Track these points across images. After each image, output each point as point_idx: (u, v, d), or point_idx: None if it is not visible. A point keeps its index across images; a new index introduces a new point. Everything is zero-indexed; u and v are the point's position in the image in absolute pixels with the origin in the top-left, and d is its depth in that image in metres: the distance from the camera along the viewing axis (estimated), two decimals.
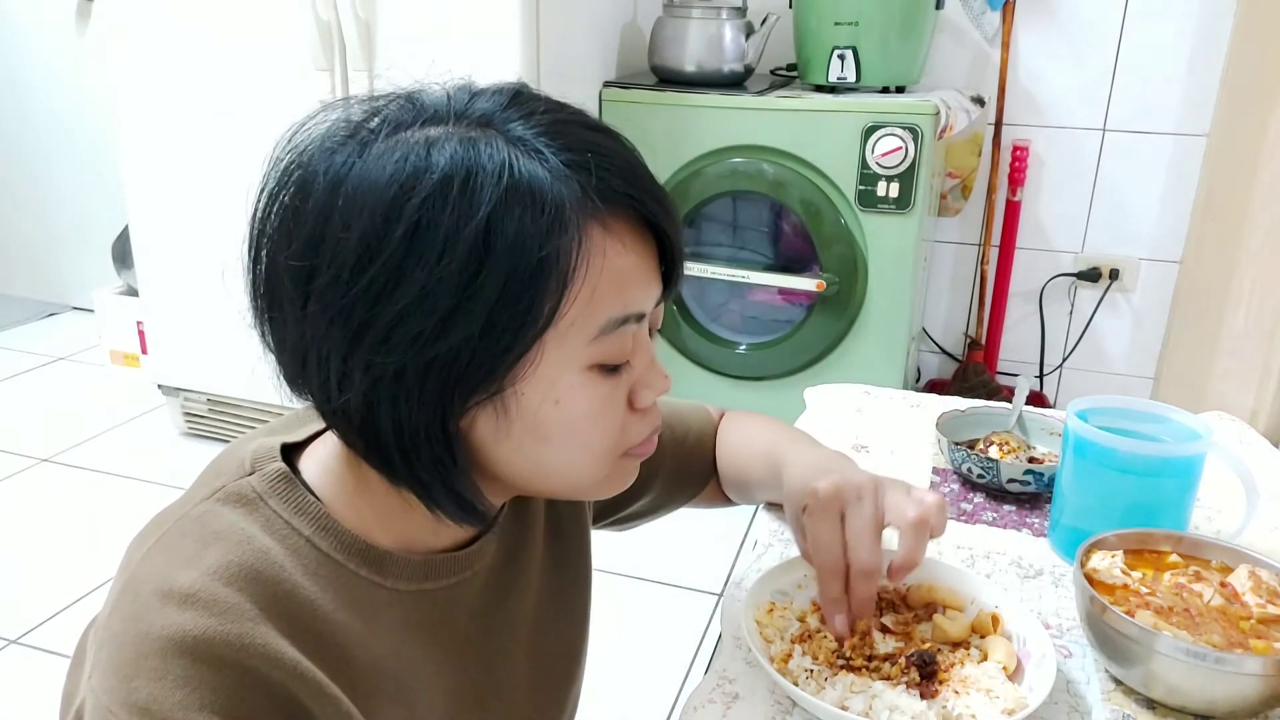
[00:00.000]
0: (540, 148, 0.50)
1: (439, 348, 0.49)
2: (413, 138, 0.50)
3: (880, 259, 2.05)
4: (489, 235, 0.48)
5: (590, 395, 0.54)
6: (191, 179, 2.13)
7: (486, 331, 0.49)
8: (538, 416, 0.53)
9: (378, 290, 0.48)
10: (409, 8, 1.85)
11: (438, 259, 0.47)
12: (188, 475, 0.60)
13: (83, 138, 3.06)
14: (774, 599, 0.73)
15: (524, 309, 0.49)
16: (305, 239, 0.50)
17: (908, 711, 0.61)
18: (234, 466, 0.57)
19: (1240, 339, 1.75)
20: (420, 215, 0.48)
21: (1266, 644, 0.63)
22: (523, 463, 0.55)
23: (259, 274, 0.53)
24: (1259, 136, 1.76)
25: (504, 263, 0.48)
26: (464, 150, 0.49)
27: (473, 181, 0.48)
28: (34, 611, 1.77)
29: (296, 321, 0.51)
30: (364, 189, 0.49)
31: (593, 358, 0.53)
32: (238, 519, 0.54)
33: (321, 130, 0.53)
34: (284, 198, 0.52)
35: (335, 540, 0.55)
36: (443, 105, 0.53)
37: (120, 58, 2.10)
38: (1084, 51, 2.27)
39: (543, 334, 0.50)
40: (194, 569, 0.50)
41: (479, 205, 0.48)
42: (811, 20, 2.10)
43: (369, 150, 0.50)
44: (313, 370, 0.52)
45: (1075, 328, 2.48)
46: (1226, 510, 0.90)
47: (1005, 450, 0.95)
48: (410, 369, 0.49)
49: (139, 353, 2.67)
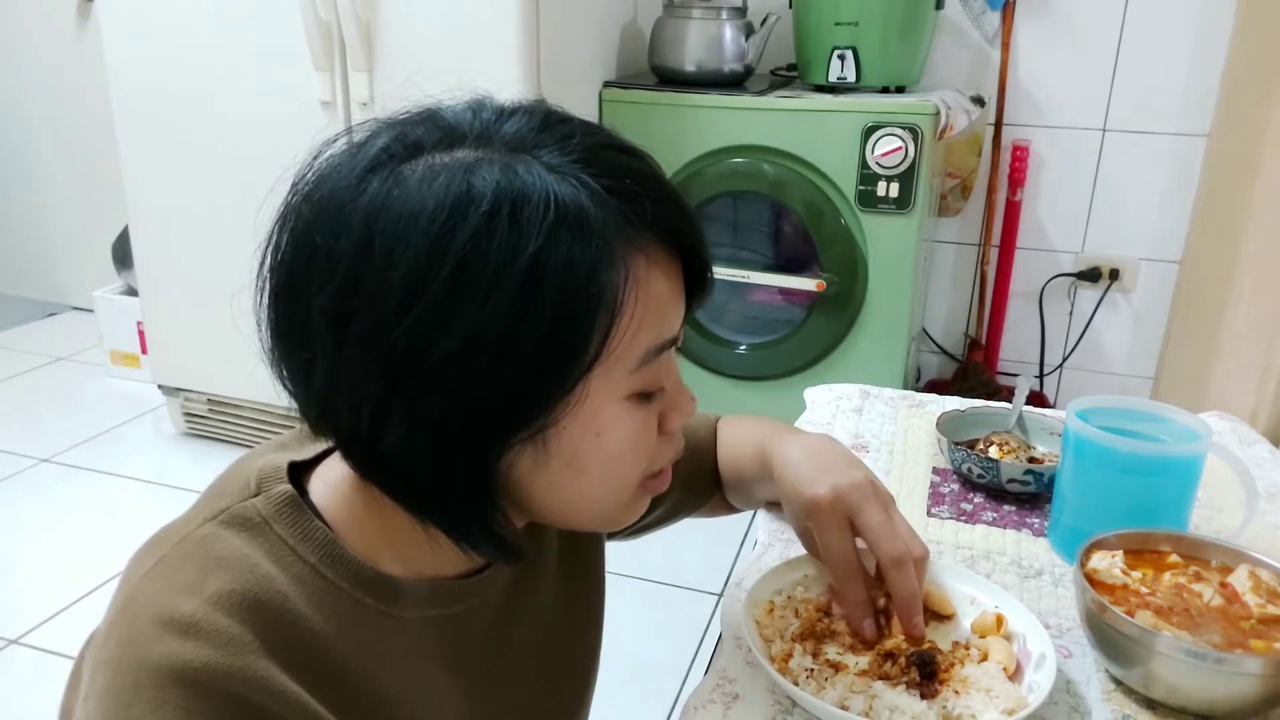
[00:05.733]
0: (580, 174, 0.48)
1: (486, 388, 0.47)
2: (447, 162, 0.48)
3: (880, 259, 2.05)
4: (538, 269, 0.46)
5: (629, 424, 0.53)
6: (191, 179, 2.13)
7: (535, 369, 0.47)
8: (578, 449, 0.51)
9: (423, 331, 0.46)
10: (409, 8, 1.85)
11: (486, 296, 0.45)
12: (188, 475, 0.60)
13: (83, 138, 3.06)
14: (774, 599, 0.73)
15: (574, 345, 0.48)
16: (342, 279, 0.47)
17: (908, 711, 0.61)
18: (239, 486, 0.56)
19: (1240, 339, 1.75)
20: (467, 250, 0.45)
21: (1266, 644, 0.63)
22: (555, 496, 0.54)
23: (280, 314, 0.51)
24: (1259, 136, 1.76)
25: (554, 298, 0.46)
26: (506, 178, 0.47)
27: (520, 213, 0.46)
28: (34, 611, 1.77)
29: (328, 364, 0.49)
30: (405, 222, 0.46)
31: (632, 387, 0.52)
32: (241, 544, 0.52)
33: (342, 158, 0.51)
34: (313, 236, 0.49)
35: (342, 568, 0.54)
36: (468, 125, 0.51)
37: (120, 58, 2.10)
38: (1084, 51, 2.27)
39: (590, 369, 0.49)
40: (195, 596, 0.49)
41: (528, 238, 0.45)
42: (811, 20, 2.10)
43: (402, 178, 0.47)
44: (343, 413, 0.50)
45: (1075, 328, 2.48)
46: (1226, 510, 0.90)
47: (1005, 450, 0.95)
48: (453, 410, 0.47)
49: (139, 353, 2.68)
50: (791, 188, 2.06)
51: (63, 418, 2.55)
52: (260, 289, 0.52)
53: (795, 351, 2.18)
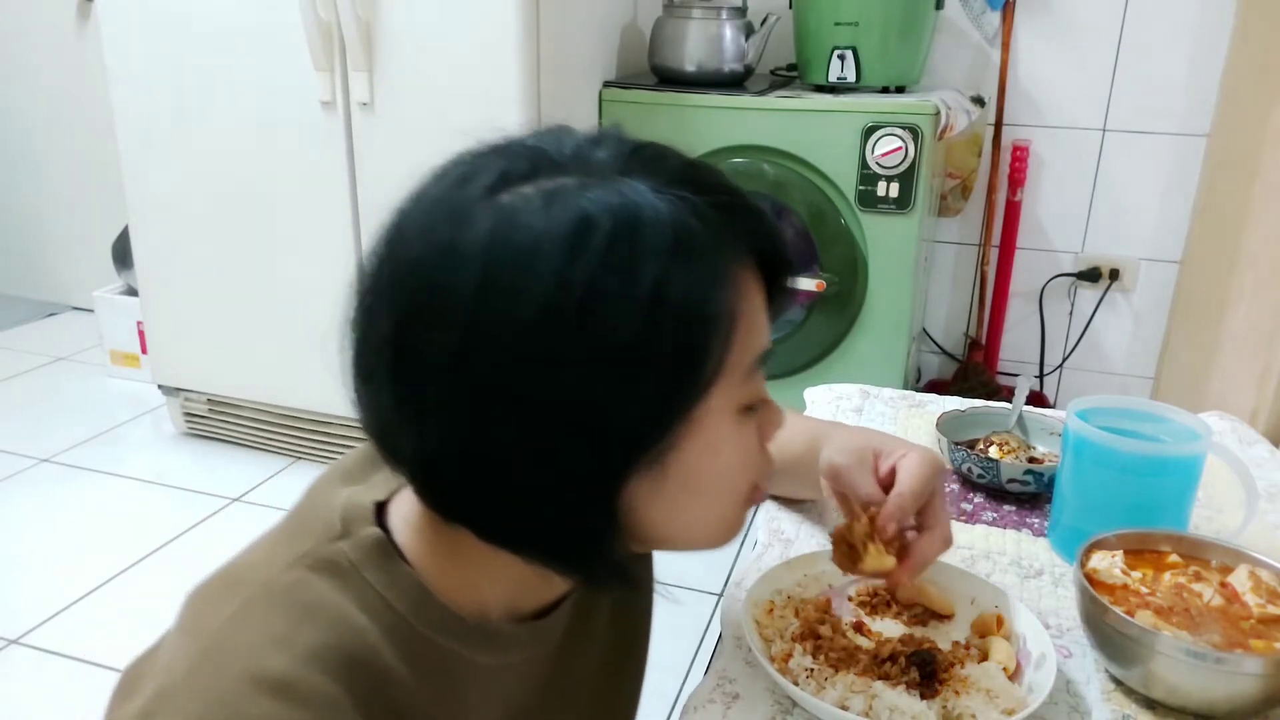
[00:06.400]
0: (682, 194, 0.48)
1: (612, 416, 0.46)
2: (551, 189, 0.46)
3: (880, 259, 2.05)
4: (661, 292, 0.45)
5: (740, 439, 0.53)
6: (191, 179, 2.13)
7: (662, 393, 0.47)
8: (695, 470, 0.51)
9: (547, 365, 0.45)
10: (409, 8, 1.85)
11: (613, 324, 0.45)
12: (188, 475, 0.59)
13: (82, 138, 3.06)
14: (774, 599, 0.73)
15: (698, 365, 0.47)
16: (465, 319, 0.45)
17: (908, 711, 0.61)
18: (323, 526, 0.54)
19: (1240, 339, 1.75)
20: (592, 280, 0.44)
21: (1266, 644, 0.63)
22: (670, 519, 0.53)
23: (385, 357, 0.48)
24: (1259, 136, 1.76)
25: (677, 320, 0.46)
26: (618, 203, 0.46)
27: (638, 237, 0.45)
28: (34, 611, 1.77)
29: (439, 406, 0.47)
30: (525, 256, 0.45)
31: (740, 401, 0.52)
32: (330, 592, 0.50)
33: (437, 193, 0.49)
34: (425, 276, 0.47)
35: (431, 617, 0.52)
36: (558, 152, 0.49)
37: (120, 57, 2.10)
38: (1084, 51, 2.27)
39: (711, 387, 0.49)
40: (287, 651, 0.47)
41: (648, 262, 0.45)
42: (811, 20, 2.10)
43: (509, 210, 0.46)
44: (449, 457, 0.48)
45: (1075, 328, 2.48)
46: (1226, 510, 0.90)
47: (1005, 450, 0.95)
48: (579, 441, 0.46)
49: (139, 353, 2.68)
50: (791, 188, 2.06)
51: (63, 418, 2.55)
52: (356, 329, 0.50)
53: (795, 351, 2.18)
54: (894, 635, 0.70)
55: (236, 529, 2.05)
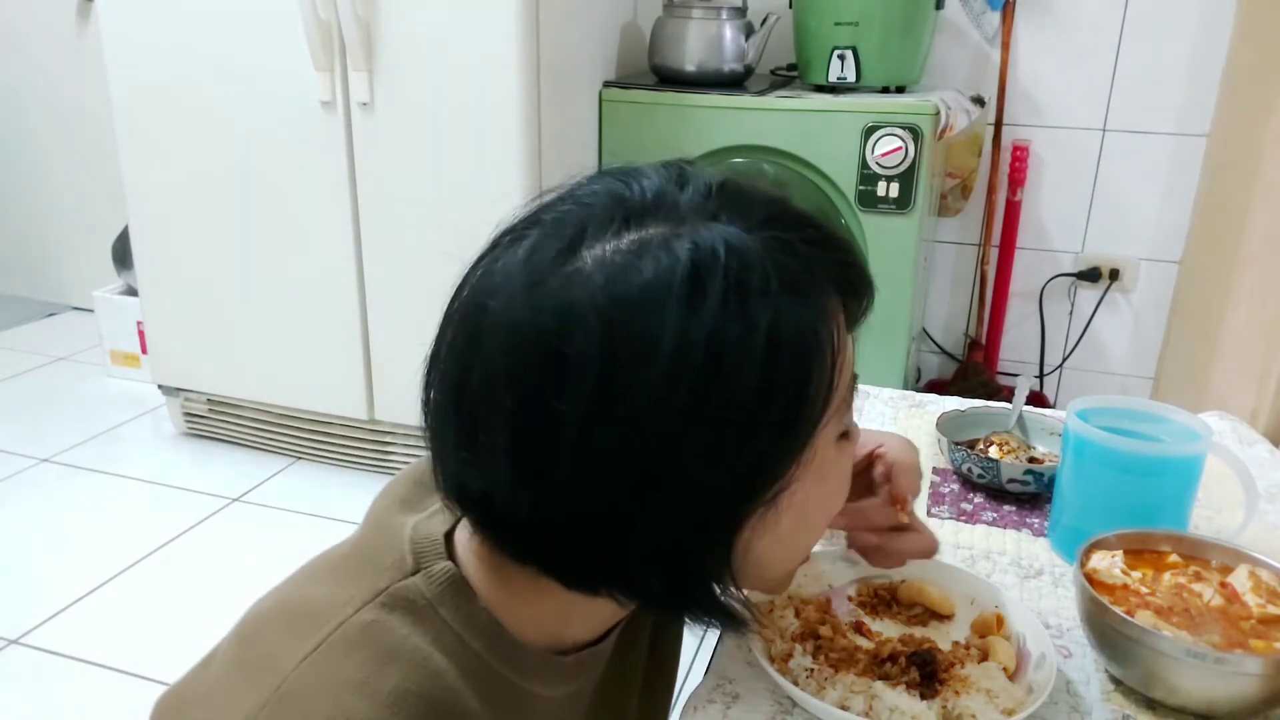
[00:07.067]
0: (776, 234, 0.48)
1: (736, 463, 0.46)
2: (649, 238, 0.46)
3: (880, 259, 2.05)
4: (775, 336, 0.45)
5: (843, 466, 0.54)
6: (191, 179, 2.13)
7: (781, 435, 0.47)
8: (805, 504, 0.51)
9: (677, 420, 0.44)
10: (409, 8, 1.85)
11: (736, 372, 0.45)
12: (188, 475, 0.59)
13: (82, 137, 3.06)
14: (774, 599, 0.73)
15: (811, 404, 0.48)
16: (588, 382, 0.44)
17: (908, 711, 0.61)
18: (394, 560, 0.53)
19: (1240, 339, 1.75)
20: (712, 331, 0.44)
21: (1266, 644, 0.63)
22: (777, 555, 0.53)
23: (501, 422, 0.46)
24: (1259, 136, 1.76)
25: (791, 362, 0.46)
26: (723, 249, 0.45)
27: (748, 282, 0.45)
28: (34, 611, 1.77)
29: (565, 472, 0.46)
30: (645, 312, 0.44)
31: (840, 427, 0.52)
32: (409, 633, 0.50)
33: (526, 255, 0.47)
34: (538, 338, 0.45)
35: (504, 654, 0.53)
36: (641, 199, 0.48)
37: (120, 57, 2.10)
38: (1084, 51, 2.27)
39: (823, 421, 0.49)
40: (370, 698, 0.46)
41: (760, 307, 0.45)
42: (811, 20, 2.10)
43: (613, 264, 0.45)
44: (573, 518, 0.47)
45: (1075, 328, 2.48)
46: (1226, 510, 0.90)
47: (1005, 450, 0.95)
48: (702, 493, 0.46)
49: (139, 353, 2.68)
50: (791, 188, 2.05)
51: (63, 418, 2.55)
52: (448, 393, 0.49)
53: None
54: (894, 635, 0.70)
55: (236, 529, 2.05)
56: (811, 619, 0.71)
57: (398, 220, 1.99)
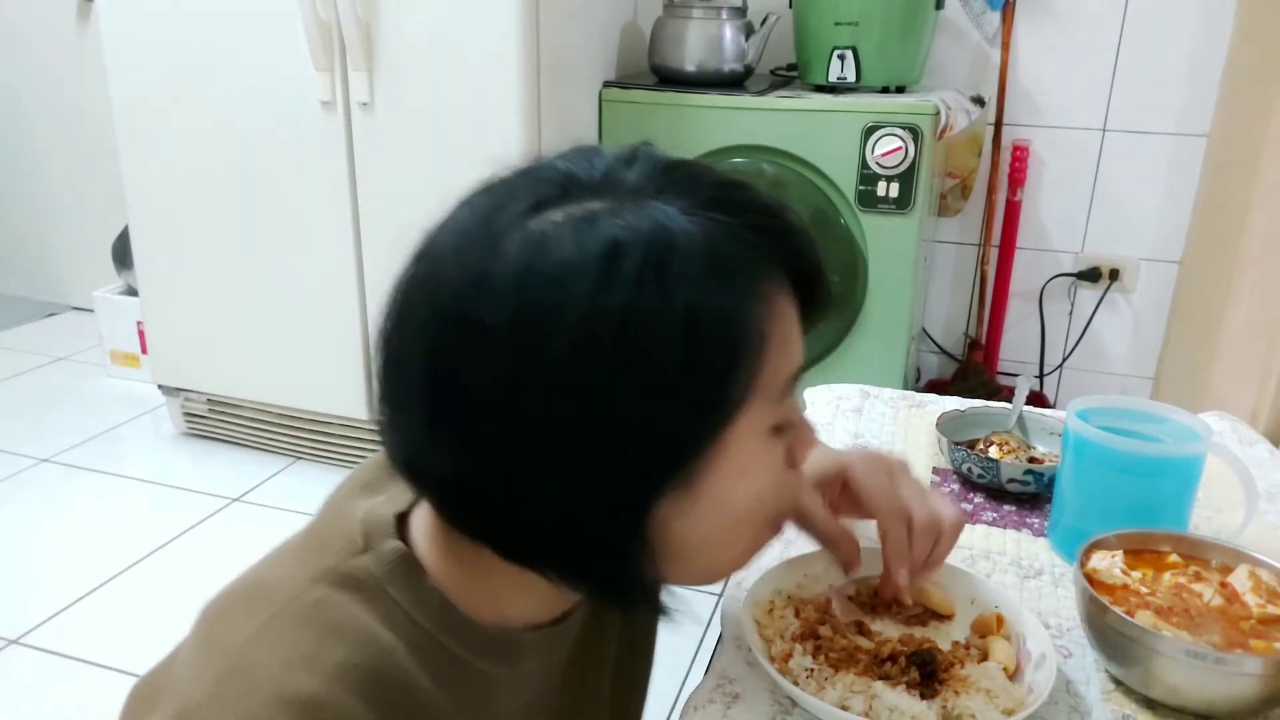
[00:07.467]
0: (714, 215, 0.48)
1: (646, 440, 0.46)
2: (580, 215, 0.46)
3: (880, 259, 2.05)
4: (695, 316, 0.45)
5: (771, 460, 0.52)
6: (191, 179, 2.13)
7: (694, 415, 0.47)
8: (725, 491, 0.50)
9: (581, 392, 0.45)
10: (409, 8, 1.85)
11: (647, 349, 0.45)
12: (188, 475, 0.59)
13: (82, 137, 3.06)
14: (774, 599, 0.73)
15: (730, 387, 0.47)
16: (503, 352, 0.45)
17: (908, 711, 0.61)
18: (344, 540, 0.54)
19: (1240, 339, 1.75)
20: (626, 306, 0.44)
21: (1266, 644, 0.63)
22: (701, 542, 0.52)
23: (419, 383, 0.48)
24: (1259, 136, 1.76)
25: (711, 344, 0.46)
26: (649, 226, 0.46)
27: (670, 261, 0.45)
28: (34, 611, 1.77)
29: (474, 433, 0.47)
30: (558, 284, 0.45)
31: (772, 421, 0.51)
32: (357, 610, 0.50)
33: (463, 222, 0.49)
34: (460, 308, 0.46)
35: (455, 632, 0.53)
36: (588, 175, 0.49)
37: (120, 57, 2.10)
38: (1084, 51, 2.27)
39: (742, 407, 0.48)
40: (314, 672, 0.47)
41: (681, 286, 0.45)
42: (811, 20, 2.10)
43: (538, 237, 0.46)
44: (482, 482, 0.48)
45: (1075, 328, 2.48)
46: (1226, 510, 0.90)
47: (1005, 450, 0.95)
48: (608, 466, 0.46)
49: (139, 353, 2.68)
50: (791, 188, 2.05)
51: (63, 418, 2.55)
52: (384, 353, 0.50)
53: None
54: (894, 635, 0.70)
55: (236, 529, 2.05)
56: (811, 619, 0.71)
57: (398, 220, 1.99)
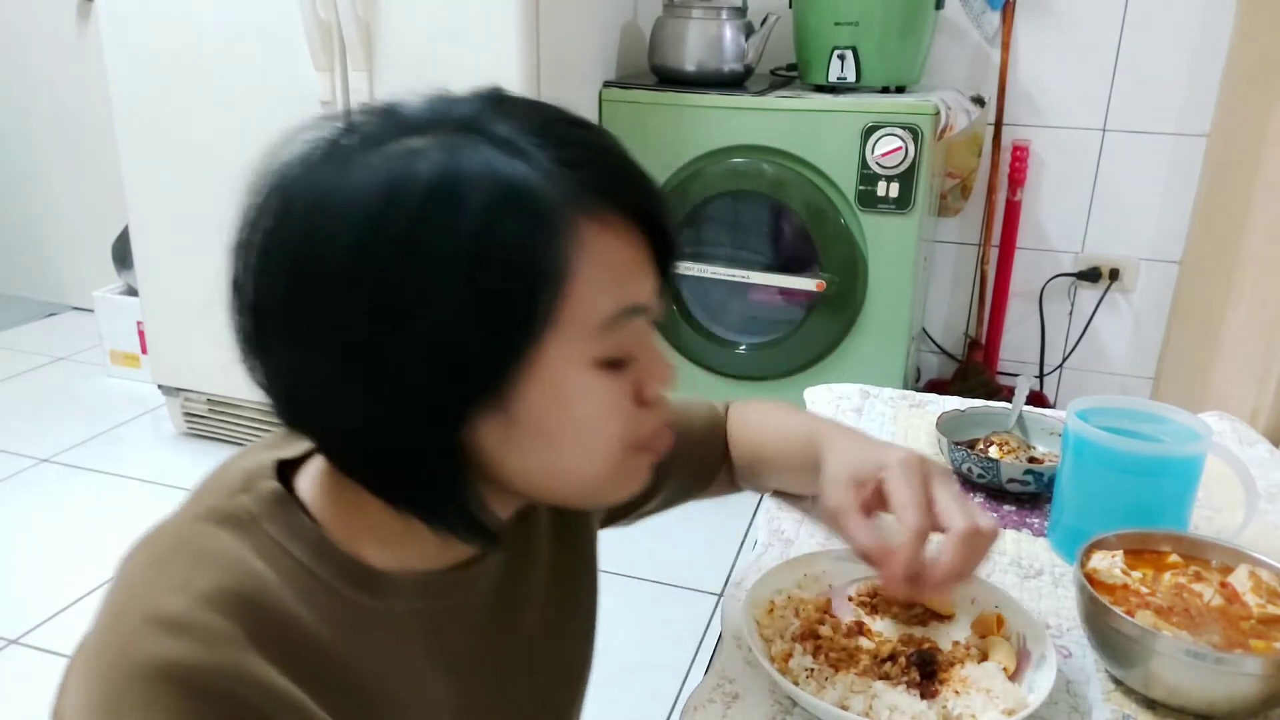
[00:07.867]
0: (525, 147, 0.49)
1: (438, 361, 0.48)
2: (394, 149, 0.49)
3: (880, 259, 2.05)
4: (481, 242, 0.47)
5: (597, 392, 0.53)
6: (191, 179, 2.13)
7: (485, 339, 0.48)
8: (545, 419, 0.52)
9: (369, 310, 0.48)
10: (409, 8, 1.85)
11: (430, 272, 0.47)
12: (188, 475, 0.60)
13: (83, 137, 3.06)
14: (774, 599, 0.73)
15: (522, 313, 0.49)
16: (290, 265, 0.49)
17: (908, 711, 0.61)
18: (226, 485, 0.56)
19: (1240, 339, 1.75)
20: (408, 228, 0.47)
21: (1266, 644, 0.63)
22: (534, 468, 0.54)
23: (244, 313, 0.53)
24: (1259, 136, 1.76)
25: (498, 269, 0.47)
26: (447, 157, 0.48)
27: (459, 188, 0.47)
28: (34, 611, 1.77)
29: (287, 352, 0.51)
30: (346, 206, 0.48)
31: (596, 354, 0.52)
32: (230, 541, 0.52)
33: (299, 151, 0.53)
34: (264, 224, 0.51)
35: (330, 564, 0.54)
36: (421, 115, 0.52)
37: (120, 57, 2.10)
38: (1084, 51, 2.27)
39: (541, 336, 0.50)
40: (183, 594, 0.49)
41: (468, 213, 0.47)
42: (811, 20, 2.10)
43: (349, 166, 0.49)
44: (307, 403, 0.52)
45: (1075, 328, 2.48)
46: (1226, 510, 0.90)
47: (1005, 450, 0.95)
48: (410, 386, 0.49)
49: (139, 353, 2.68)
50: (791, 188, 2.06)
51: (63, 418, 2.55)
52: (230, 289, 0.54)
53: (795, 351, 2.18)
54: (894, 635, 0.70)
55: None
56: (811, 619, 0.71)
57: None
